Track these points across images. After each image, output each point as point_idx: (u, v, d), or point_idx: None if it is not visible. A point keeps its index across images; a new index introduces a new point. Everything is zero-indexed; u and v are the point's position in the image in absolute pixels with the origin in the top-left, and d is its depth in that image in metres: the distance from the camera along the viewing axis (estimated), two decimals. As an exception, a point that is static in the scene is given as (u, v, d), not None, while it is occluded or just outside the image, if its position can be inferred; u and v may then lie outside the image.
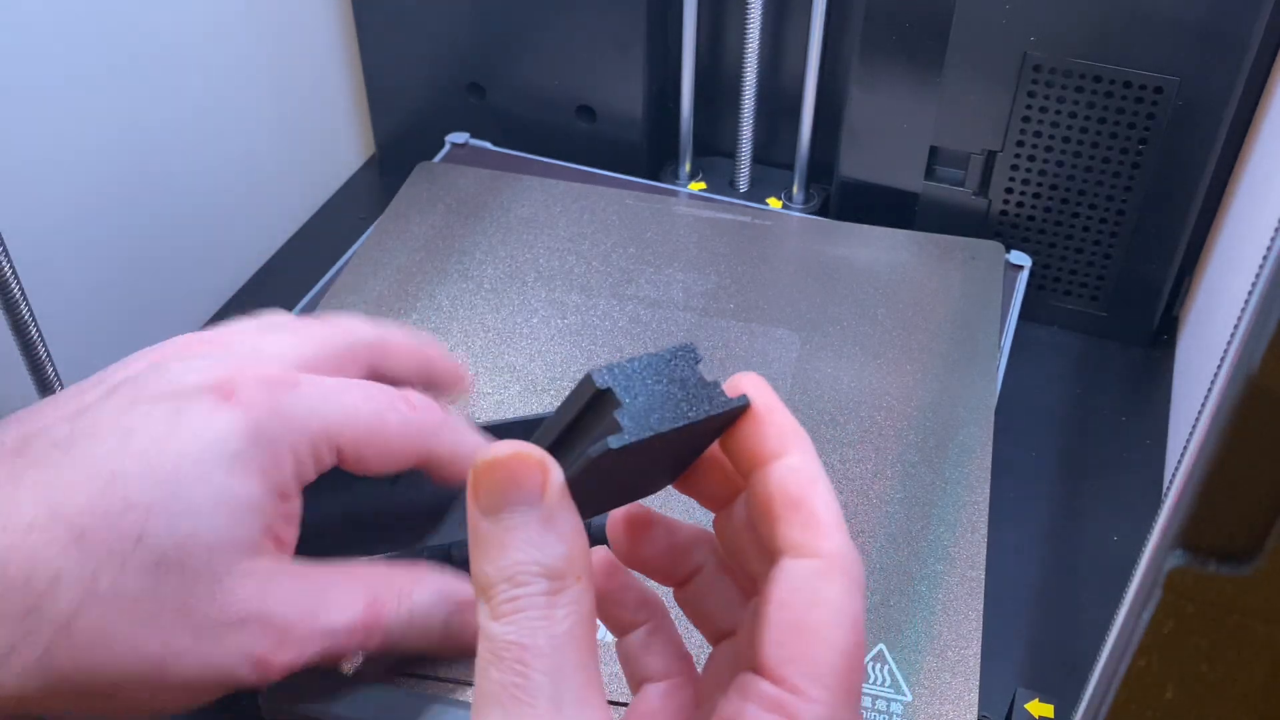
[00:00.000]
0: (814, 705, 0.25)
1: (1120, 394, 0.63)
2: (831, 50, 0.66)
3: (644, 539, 0.32)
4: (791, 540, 0.27)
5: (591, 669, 0.26)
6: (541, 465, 0.26)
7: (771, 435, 0.28)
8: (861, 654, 0.27)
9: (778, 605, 0.26)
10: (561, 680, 0.25)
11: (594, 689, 0.26)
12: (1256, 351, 0.23)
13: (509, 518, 0.26)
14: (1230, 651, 0.26)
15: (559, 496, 0.26)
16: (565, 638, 0.25)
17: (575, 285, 0.61)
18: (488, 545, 0.26)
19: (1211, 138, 0.59)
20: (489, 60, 0.72)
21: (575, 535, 0.26)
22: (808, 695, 0.25)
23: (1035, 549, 0.55)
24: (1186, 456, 0.26)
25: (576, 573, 0.26)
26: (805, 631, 0.26)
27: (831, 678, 0.26)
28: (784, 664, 0.26)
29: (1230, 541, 0.25)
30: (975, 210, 0.66)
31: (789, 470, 0.28)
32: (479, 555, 0.26)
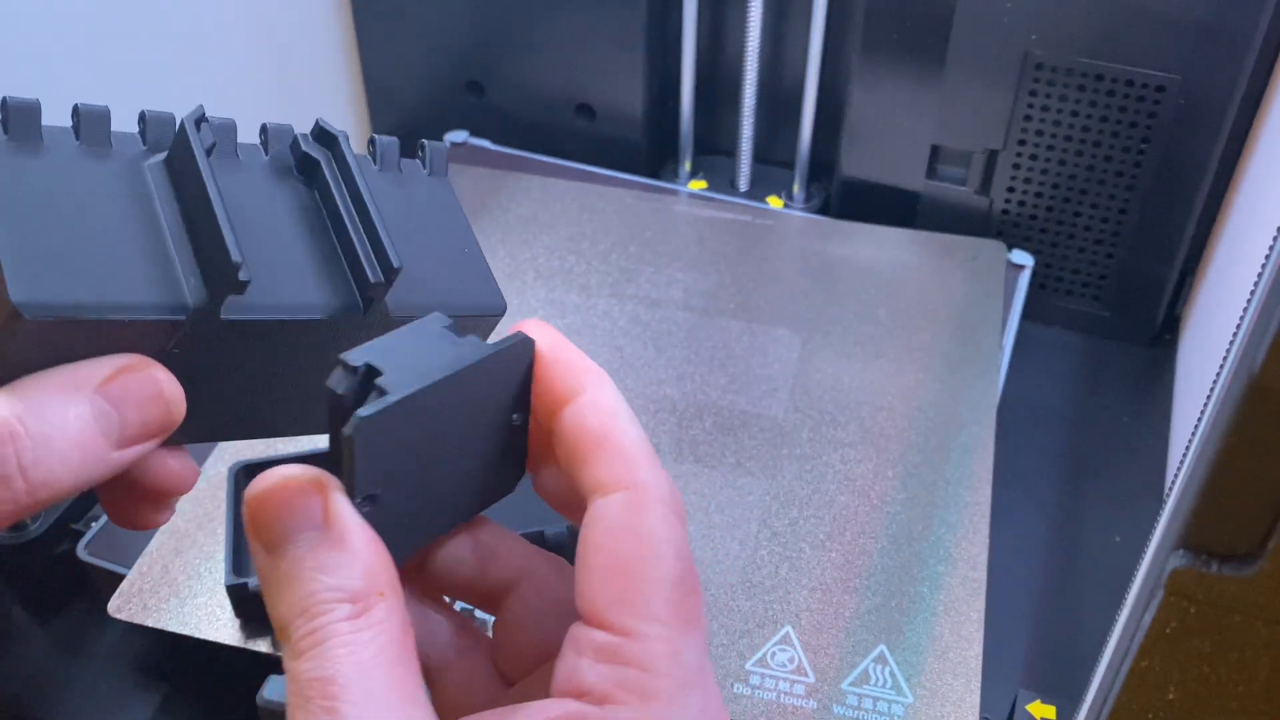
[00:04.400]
0: (650, 644, 0.24)
1: (1122, 394, 0.63)
2: (832, 48, 0.66)
3: None
4: (599, 478, 0.25)
5: (410, 685, 0.24)
6: (316, 483, 0.24)
7: (562, 375, 0.26)
8: (692, 579, 0.25)
9: (594, 549, 0.25)
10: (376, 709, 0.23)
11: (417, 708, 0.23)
12: (1258, 352, 0.23)
13: (293, 549, 0.24)
14: (1232, 652, 0.26)
15: (343, 512, 0.24)
16: (375, 661, 0.23)
17: (575, 284, 0.61)
18: (277, 583, 0.24)
19: (1214, 136, 0.59)
20: (488, 58, 0.72)
21: (371, 549, 0.24)
22: (641, 635, 0.24)
23: (1037, 550, 0.55)
24: (1189, 457, 0.26)
25: (379, 588, 0.24)
26: (625, 570, 0.24)
27: (663, 610, 0.24)
28: (610, 608, 0.24)
29: (1232, 542, 0.25)
30: (977, 209, 0.66)
31: (586, 407, 0.26)
32: (270, 596, 0.24)
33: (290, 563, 0.24)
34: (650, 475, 0.25)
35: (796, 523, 0.50)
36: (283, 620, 0.24)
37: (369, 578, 0.24)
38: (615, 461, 0.25)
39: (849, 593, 0.47)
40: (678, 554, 0.25)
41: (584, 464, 0.26)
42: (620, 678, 0.24)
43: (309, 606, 0.23)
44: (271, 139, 0.28)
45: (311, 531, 0.24)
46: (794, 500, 0.50)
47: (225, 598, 0.45)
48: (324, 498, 0.24)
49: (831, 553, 0.48)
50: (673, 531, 0.25)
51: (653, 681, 0.24)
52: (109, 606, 0.45)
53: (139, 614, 0.45)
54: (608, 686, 0.24)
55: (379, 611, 0.24)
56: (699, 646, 0.25)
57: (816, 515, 0.50)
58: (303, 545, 0.24)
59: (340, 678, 0.23)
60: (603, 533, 0.25)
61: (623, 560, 0.24)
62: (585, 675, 0.24)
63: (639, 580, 0.24)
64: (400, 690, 0.23)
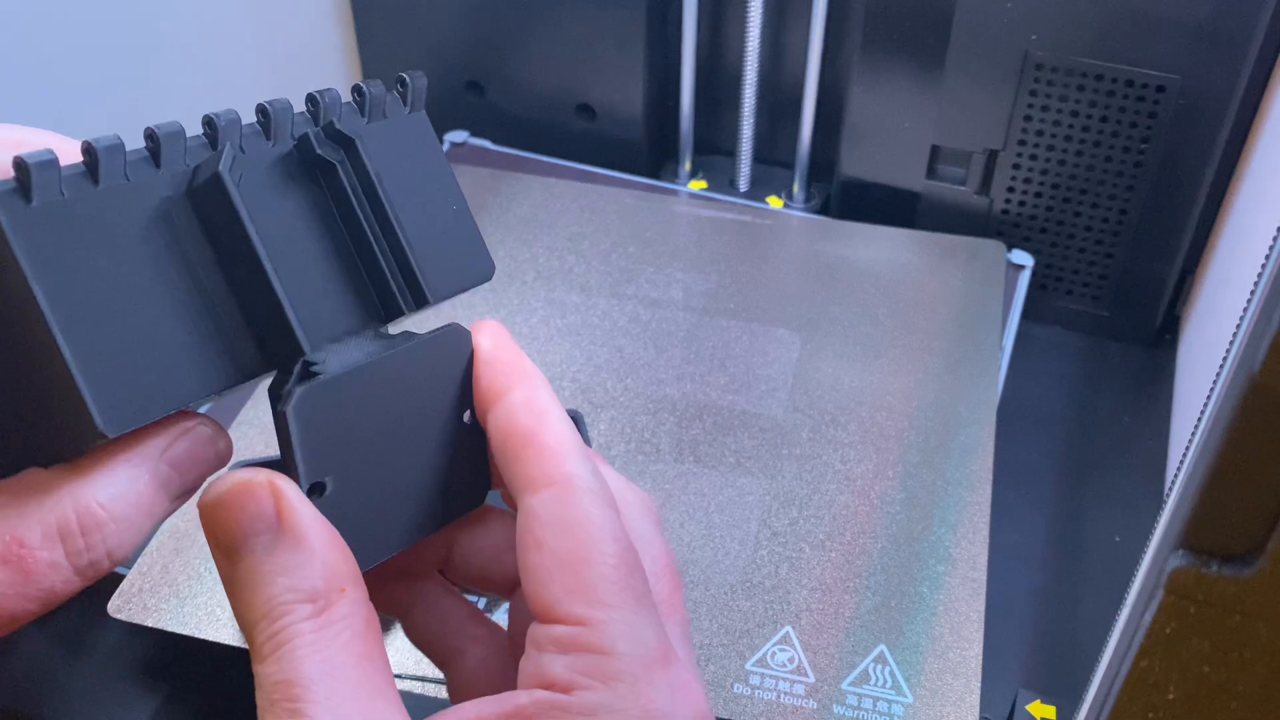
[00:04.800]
0: (605, 628, 0.24)
1: (1122, 394, 0.63)
2: (832, 48, 0.66)
3: None
4: (528, 477, 0.26)
5: (376, 679, 0.24)
6: (269, 485, 0.24)
7: (493, 374, 0.27)
8: (634, 557, 0.25)
9: (532, 547, 0.25)
10: (341, 707, 0.23)
11: (384, 702, 0.24)
12: (1259, 351, 0.23)
13: (250, 553, 0.24)
14: (1232, 652, 0.26)
15: (299, 510, 0.24)
16: (339, 659, 0.23)
17: (575, 284, 0.61)
18: (238, 587, 0.24)
19: (1214, 136, 0.59)
20: (488, 58, 0.72)
21: (330, 545, 0.24)
22: (595, 621, 0.24)
23: (1037, 549, 0.55)
24: (1189, 457, 0.26)
25: (340, 584, 0.24)
26: (566, 563, 0.25)
27: (611, 594, 0.24)
28: (559, 602, 0.24)
29: (1232, 542, 0.25)
30: (977, 209, 0.66)
31: (515, 406, 0.26)
32: (233, 600, 0.24)
33: (248, 567, 0.24)
34: (576, 467, 0.26)
35: (796, 523, 0.50)
36: (246, 624, 0.24)
37: (328, 576, 0.24)
38: (542, 458, 0.26)
39: (849, 593, 0.47)
40: (614, 538, 0.25)
41: (512, 462, 0.26)
42: (582, 665, 0.24)
43: (270, 609, 0.23)
44: (276, 125, 0.27)
45: (267, 534, 0.24)
46: (794, 500, 0.50)
47: (225, 598, 0.45)
48: (277, 498, 0.24)
49: (831, 553, 0.48)
50: (604, 517, 0.25)
51: (614, 663, 0.24)
52: (109, 606, 0.45)
53: (139, 614, 0.45)
54: (571, 675, 0.24)
55: (341, 608, 0.24)
56: (654, 623, 0.25)
57: (816, 515, 0.50)
58: (259, 548, 0.24)
59: (303, 678, 0.23)
60: (539, 530, 0.25)
61: (562, 553, 0.25)
62: (548, 669, 0.24)
63: (582, 569, 0.25)
64: (367, 685, 0.23)
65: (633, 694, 0.24)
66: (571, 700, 0.24)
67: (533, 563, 0.25)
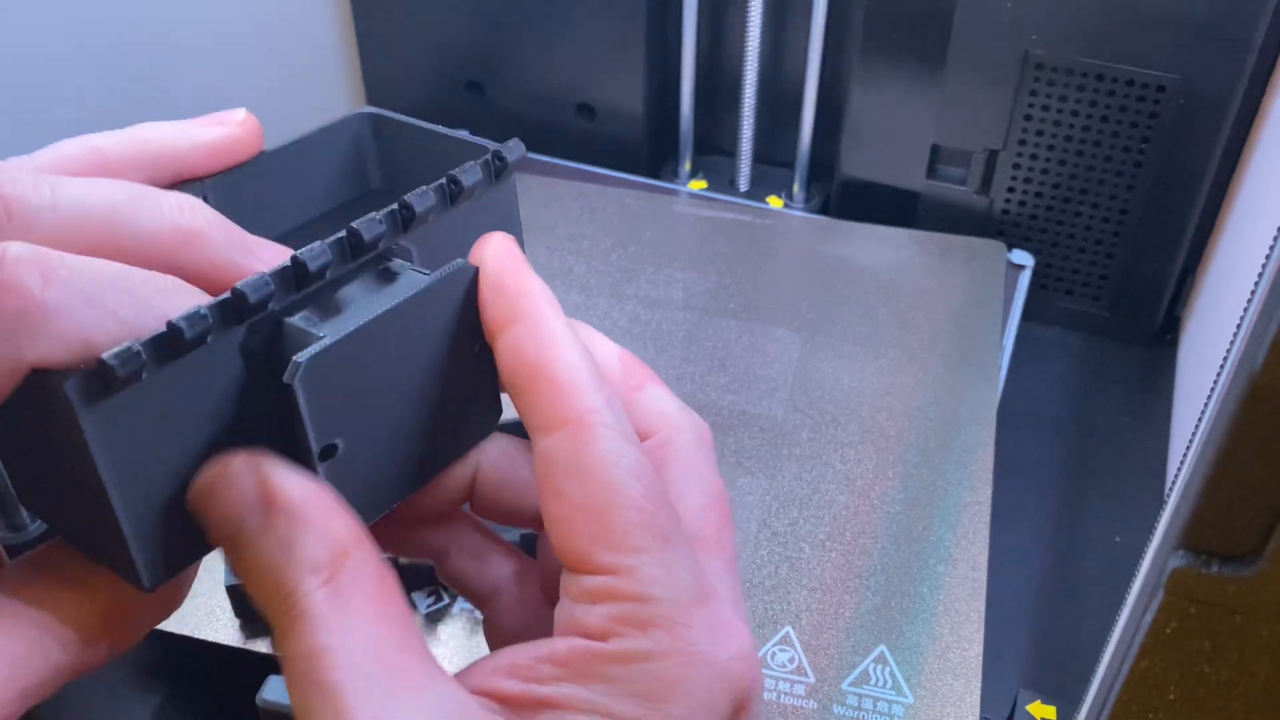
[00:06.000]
0: (638, 574, 0.23)
1: (1122, 394, 0.63)
2: (832, 48, 0.66)
3: None
4: (540, 417, 0.24)
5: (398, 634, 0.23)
6: (250, 465, 0.23)
7: (498, 300, 0.25)
8: (661, 495, 0.24)
9: (553, 495, 0.24)
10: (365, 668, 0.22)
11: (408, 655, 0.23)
12: (1259, 351, 0.23)
13: (248, 539, 0.23)
14: (1233, 652, 0.26)
15: (285, 484, 0.23)
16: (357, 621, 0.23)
17: (575, 284, 0.61)
18: (246, 574, 0.23)
19: (1214, 136, 0.59)
20: (488, 58, 0.72)
21: (326, 512, 0.23)
22: (627, 568, 0.23)
23: (1037, 550, 0.55)
24: (1189, 457, 0.26)
25: (344, 548, 0.23)
26: (589, 511, 0.23)
27: (640, 537, 0.23)
28: (587, 552, 0.23)
29: (1233, 542, 0.25)
30: (977, 209, 0.66)
31: (521, 337, 0.24)
32: (248, 588, 0.24)
33: (250, 552, 0.23)
34: (590, 400, 0.24)
35: (796, 523, 0.50)
36: (262, 607, 0.24)
37: (330, 543, 0.23)
38: (554, 395, 0.24)
39: (849, 593, 0.47)
40: (636, 476, 0.24)
41: (522, 398, 0.25)
42: (617, 613, 0.23)
43: (279, 588, 0.23)
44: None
45: (256, 515, 0.23)
46: (794, 500, 0.50)
47: (225, 598, 0.45)
48: (259, 477, 0.23)
49: (831, 553, 0.48)
50: (624, 455, 0.24)
51: (649, 609, 0.23)
52: (109, 607, 0.45)
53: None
54: (607, 624, 0.23)
55: (349, 572, 0.23)
56: (688, 562, 0.24)
57: (816, 515, 0.50)
58: (254, 531, 0.23)
59: (323, 647, 0.22)
60: (556, 476, 0.24)
61: (583, 501, 0.24)
62: (583, 618, 0.24)
63: (606, 515, 0.24)
64: (389, 641, 0.23)
65: (670, 638, 0.23)
66: (609, 648, 0.23)
67: (554, 512, 0.24)
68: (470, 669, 0.24)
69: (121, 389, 0.21)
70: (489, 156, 0.27)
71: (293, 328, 0.24)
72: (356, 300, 0.25)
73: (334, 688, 0.22)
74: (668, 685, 0.23)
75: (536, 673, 0.24)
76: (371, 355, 0.24)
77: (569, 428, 0.24)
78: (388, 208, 0.25)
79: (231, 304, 0.23)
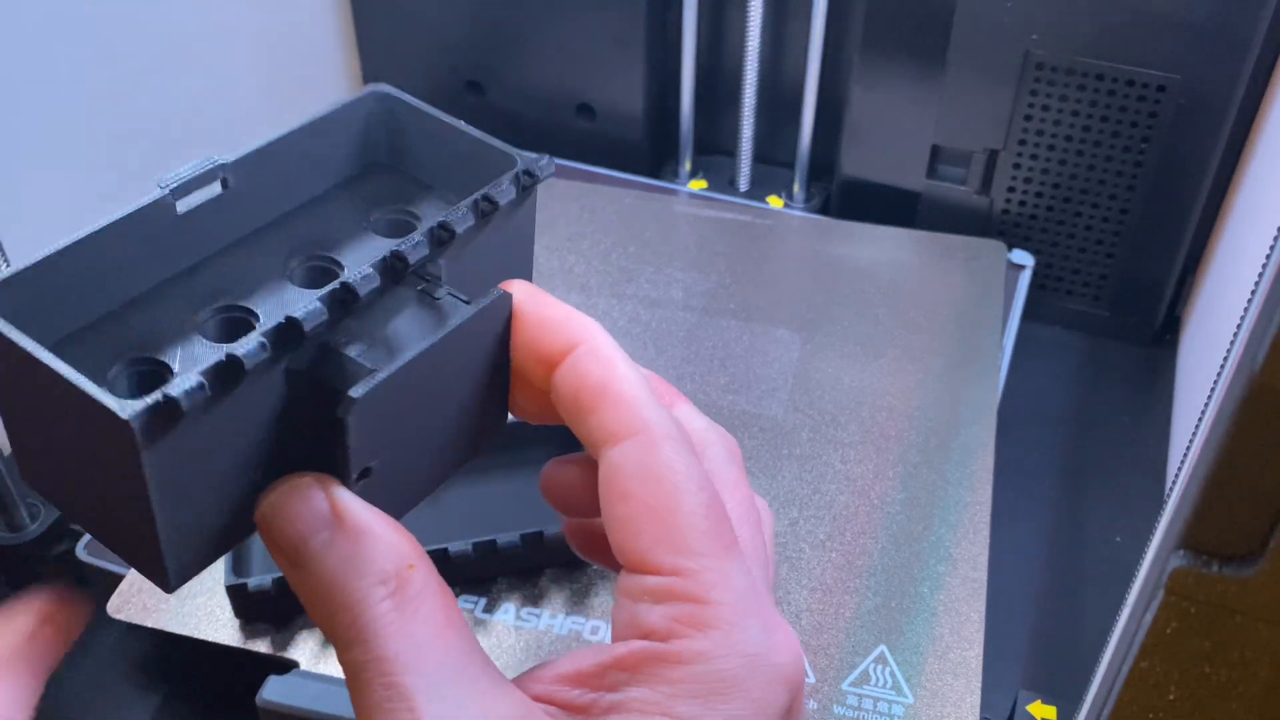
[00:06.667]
0: (699, 576, 0.24)
1: (1123, 394, 0.63)
2: (833, 48, 0.66)
3: None
4: (606, 429, 0.25)
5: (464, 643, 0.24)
6: (317, 481, 0.24)
7: (552, 330, 0.27)
8: (719, 503, 0.25)
9: (618, 499, 0.25)
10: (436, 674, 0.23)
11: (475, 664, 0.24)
12: (1259, 352, 0.23)
13: (315, 555, 0.24)
14: (1233, 653, 0.26)
15: (351, 502, 0.24)
16: (424, 631, 0.24)
17: (575, 284, 0.61)
18: (309, 588, 0.24)
19: (1214, 136, 0.59)
20: (488, 58, 0.72)
21: (389, 527, 0.24)
22: (688, 570, 0.24)
23: (1037, 550, 0.55)
24: (1189, 457, 0.26)
25: (408, 561, 0.24)
26: (654, 513, 0.25)
27: (702, 542, 0.25)
28: (650, 552, 0.25)
29: (1233, 542, 0.25)
30: (977, 209, 0.66)
31: (582, 359, 0.26)
32: (308, 604, 0.24)
33: (316, 569, 0.24)
34: (654, 414, 0.26)
35: (797, 523, 0.50)
36: (324, 621, 0.24)
37: (395, 557, 0.24)
38: (619, 409, 0.25)
39: (849, 593, 0.47)
40: (700, 485, 0.25)
41: (588, 416, 0.26)
42: (678, 614, 0.24)
43: (345, 601, 0.24)
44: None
45: (325, 531, 0.24)
46: (794, 500, 0.50)
47: (225, 598, 0.45)
48: (328, 494, 0.24)
49: (831, 553, 0.48)
50: (688, 465, 0.25)
51: (710, 611, 0.24)
52: (109, 606, 0.45)
53: (139, 614, 0.45)
54: (669, 624, 0.24)
55: (415, 584, 0.24)
56: (744, 569, 0.25)
57: (816, 515, 0.50)
58: (321, 546, 0.24)
59: (392, 654, 0.23)
60: (623, 481, 0.25)
61: (649, 504, 0.25)
62: (644, 618, 0.24)
63: (671, 519, 0.25)
64: (456, 650, 0.24)
65: (729, 640, 0.24)
66: (671, 649, 0.24)
67: (620, 514, 0.25)
68: (528, 676, 0.25)
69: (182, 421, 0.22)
70: (519, 172, 0.28)
71: (344, 358, 0.24)
72: (402, 329, 0.25)
73: (408, 690, 0.23)
74: (728, 685, 0.24)
75: (601, 679, 0.24)
76: (414, 384, 0.25)
77: (637, 438, 0.25)
78: (426, 226, 0.26)
79: (286, 331, 0.23)
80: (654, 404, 0.26)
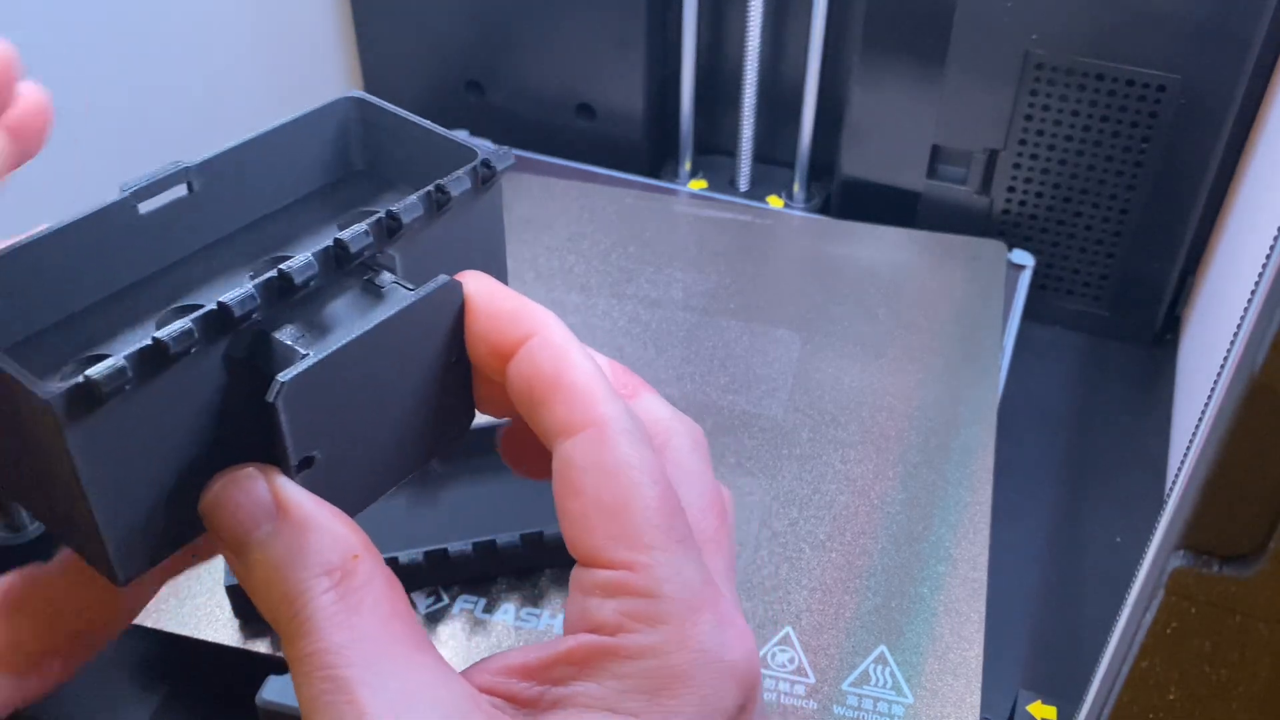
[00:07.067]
0: (651, 571, 0.24)
1: (1123, 394, 0.63)
2: (833, 48, 0.66)
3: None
4: (559, 421, 0.25)
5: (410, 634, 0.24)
6: (260, 471, 0.24)
7: (506, 322, 0.26)
8: (674, 498, 0.25)
9: (572, 493, 0.25)
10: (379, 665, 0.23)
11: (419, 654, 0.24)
12: (1259, 352, 0.23)
13: (258, 546, 0.24)
14: (1233, 652, 0.26)
15: (294, 492, 0.24)
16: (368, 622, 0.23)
17: (575, 284, 0.61)
18: (255, 581, 0.24)
19: (1214, 136, 0.59)
20: (488, 58, 0.72)
21: (333, 517, 0.24)
22: (641, 565, 0.24)
23: (1037, 550, 0.55)
24: (1189, 457, 0.26)
25: (352, 551, 0.24)
26: (608, 507, 0.24)
27: (655, 536, 0.24)
28: (602, 547, 0.24)
29: (1233, 542, 0.25)
30: (977, 209, 0.66)
31: (535, 351, 0.25)
32: (254, 596, 0.24)
33: (259, 559, 0.24)
34: (608, 407, 0.25)
35: (796, 523, 0.50)
36: (270, 613, 0.24)
37: (339, 548, 0.24)
38: (573, 401, 0.25)
39: (849, 593, 0.47)
40: (654, 479, 0.25)
41: (541, 408, 0.25)
42: (629, 609, 0.24)
43: (288, 592, 0.23)
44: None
45: (268, 522, 0.24)
46: (794, 500, 0.50)
47: (225, 598, 0.45)
48: (271, 485, 0.24)
49: (831, 553, 0.48)
50: (642, 458, 0.25)
51: (660, 606, 0.24)
52: (109, 607, 0.45)
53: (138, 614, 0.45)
54: (618, 618, 0.24)
55: (359, 575, 0.24)
56: (698, 563, 0.25)
57: (816, 515, 0.50)
58: (265, 538, 0.24)
59: (335, 646, 0.23)
60: (576, 475, 0.25)
61: (603, 498, 0.24)
62: (595, 613, 0.24)
63: (624, 513, 0.24)
64: (401, 641, 0.23)
65: (680, 635, 0.24)
66: (619, 643, 0.24)
67: (572, 509, 0.25)
68: (476, 668, 0.25)
69: (105, 403, 0.21)
70: (477, 164, 0.27)
71: (277, 343, 0.24)
72: (341, 316, 0.25)
73: (349, 683, 0.22)
74: (676, 681, 0.24)
75: (548, 673, 0.24)
76: (353, 371, 0.24)
77: (589, 431, 0.25)
78: (374, 217, 0.25)
79: (217, 317, 0.23)
80: (609, 396, 0.25)
